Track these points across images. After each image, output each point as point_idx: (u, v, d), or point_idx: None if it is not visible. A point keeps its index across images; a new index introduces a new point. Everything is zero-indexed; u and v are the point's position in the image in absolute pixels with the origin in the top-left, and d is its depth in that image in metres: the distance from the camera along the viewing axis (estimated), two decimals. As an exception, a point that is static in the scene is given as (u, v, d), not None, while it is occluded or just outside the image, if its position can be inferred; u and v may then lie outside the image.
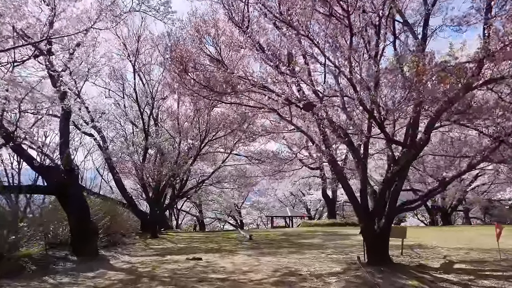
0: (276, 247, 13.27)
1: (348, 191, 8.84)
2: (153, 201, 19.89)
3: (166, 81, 14.82)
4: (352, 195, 8.81)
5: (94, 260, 10.52)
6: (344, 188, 9.02)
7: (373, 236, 8.57)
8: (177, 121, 18.23)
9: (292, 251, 12.00)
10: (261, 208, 46.02)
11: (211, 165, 23.01)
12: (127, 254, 12.27)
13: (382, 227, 8.39)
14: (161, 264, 10.13)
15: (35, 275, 8.55)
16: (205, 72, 8.21)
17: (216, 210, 40.37)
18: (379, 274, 7.91)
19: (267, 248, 13.03)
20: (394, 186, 8.35)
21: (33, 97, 11.41)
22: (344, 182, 8.90)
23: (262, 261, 10.15)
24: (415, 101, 6.03)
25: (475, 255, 10.35)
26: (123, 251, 13.09)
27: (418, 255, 10.32)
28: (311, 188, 41.29)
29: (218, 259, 10.80)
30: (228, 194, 35.45)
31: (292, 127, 10.34)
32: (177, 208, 37.51)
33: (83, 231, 10.94)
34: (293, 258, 10.54)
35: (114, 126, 21.00)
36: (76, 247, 10.75)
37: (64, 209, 11.21)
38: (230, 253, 12.08)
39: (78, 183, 12.23)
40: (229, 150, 19.45)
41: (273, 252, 11.85)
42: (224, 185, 25.34)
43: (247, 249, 12.91)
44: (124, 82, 19.77)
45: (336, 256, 10.61)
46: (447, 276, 7.78)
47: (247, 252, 12.17)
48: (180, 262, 10.30)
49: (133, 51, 17.41)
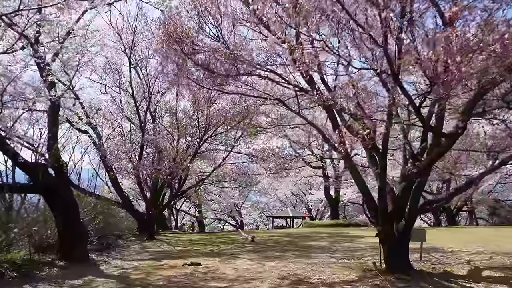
0: (281, 250, 12.37)
1: (363, 189, 7.95)
2: (150, 201, 19.02)
3: (160, 67, 13.73)
4: (368, 194, 7.92)
5: (83, 265, 9.62)
6: (359, 186, 8.13)
7: (392, 239, 7.68)
8: (175, 117, 17.33)
9: (299, 255, 11.10)
10: (261, 208, 45.25)
11: (211, 164, 22.09)
12: (120, 258, 11.37)
13: (403, 229, 7.50)
14: (156, 269, 9.25)
15: (14, 283, 7.67)
16: (204, 51, 7.29)
17: (216, 210, 39.63)
18: (400, 283, 7.03)
19: (271, 252, 12.14)
20: (416, 183, 7.47)
21: (17, 87, 10.59)
22: (359, 179, 8.01)
23: (267, 267, 9.26)
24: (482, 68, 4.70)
25: (500, 260, 9.45)
26: (117, 254, 12.21)
27: (438, 260, 9.43)
28: (313, 188, 40.47)
29: (219, 264, 9.91)
30: (228, 194, 34.67)
31: (299, 120, 9.44)
32: (176, 208, 36.64)
33: (71, 234, 10.04)
34: (301, 263, 9.65)
35: (111, 124, 20.08)
36: (63, 251, 9.85)
37: (51, 209, 10.32)
38: (231, 257, 11.19)
39: (66, 181, 11.32)
40: (230, 147, 18.54)
41: (278, 256, 10.95)
42: (225, 184, 24.43)
43: (250, 253, 12.01)
44: (121, 76, 18.85)
45: (348, 261, 9.72)
46: (477, 286, 6.90)
47: (250, 256, 11.28)
48: (177, 267, 9.40)
49: (129, 43, 16.50)
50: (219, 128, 16.26)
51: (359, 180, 8.01)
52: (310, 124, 9.70)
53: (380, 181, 7.31)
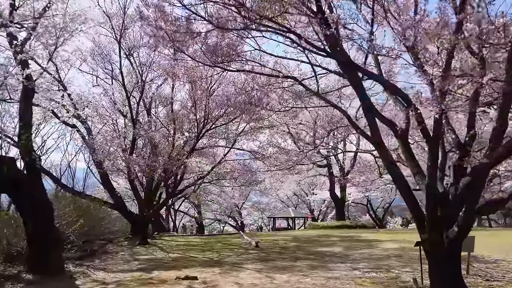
0: (290, 259, 10.70)
1: (404, 188, 6.28)
2: (144, 201, 17.34)
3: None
4: (410, 194, 6.25)
5: (56, 279, 7.93)
6: (398, 183, 6.48)
7: (441, 250, 6.01)
8: (171, 108, 15.66)
9: (313, 265, 9.44)
10: (262, 208, 43.79)
11: (211, 162, 20.36)
12: (104, 268, 9.67)
13: (456, 238, 5.83)
14: (143, 286, 7.58)
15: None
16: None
17: (216, 210, 38.10)
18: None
19: (280, 260, 10.46)
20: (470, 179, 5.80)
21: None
22: (397, 174, 6.35)
23: (277, 282, 7.60)
24: None
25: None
26: (101, 263, 10.51)
27: (488, 273, 7.78)
28: (316, 187, 38.95)
29: (219, 277, 8.25)
30: (228, 194, 33.13)
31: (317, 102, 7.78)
32: (175, 208, 35.02)
33: (42, 240, 8.36)
34: (318, 276, 7.99)
35: (104, 119, 18.39)
36: (32, 262, 8.18)
37: (19, 211, 8.67)
38: (233, 267, 9.52)
39: (39, 178, 9.63)
40: (231, 143, 16.83)
41: (290, 267, 9.28)
42: (225, 183, 22.70)
43: (255, 261, 10.34)
44: (113, 66, 17.15)
45: (375, 275, 8.06)
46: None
47: (256, 266, 9.61)
48: (168, 283, 7.72)
49: (119, 27, 14.81)
50: (220, 120, 14.55)
51: (398, 175, 6.34)
52: (334, 106, 8.01)
53: (429, 176, 5.66)
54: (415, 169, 6.73)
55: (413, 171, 6.74)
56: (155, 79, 16.07)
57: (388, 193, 34.41)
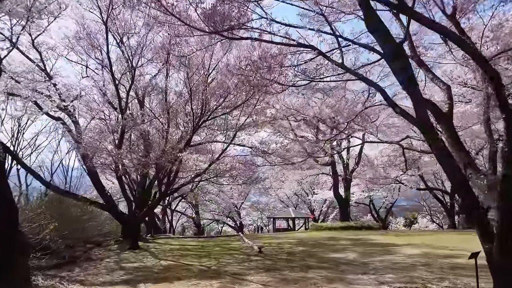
0: (301, 268, 9.19)
1: (464, 183, 4.79)
2: (134, 200, 15.85)
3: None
4: (470, 191, 4.76)
5: (16, 296, 6.44)
6: (452, 177, 4.99)
7: (508, 264, 4.55)
8: (165, 97, 14.11)
9: (330, 277, 7.94)
10: (261, 208, 42.55)
11: (208, 160, 18.81)
12: (81, 280, 8.16)
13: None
14: (123, 306, 6.09)
15: None
16: None
17: (214, 211, 36.73)
18: None
19: (288, 270, 8.95)
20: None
21: None
22: (452, 165, 4.88)
23: (291, 301, 6.12)
24: None
25: None
26: (80, 273, 9.02)
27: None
28: (317, 187, 37.69)
29: (218, 293, 6.76)
30: (226, 194, 31.74)
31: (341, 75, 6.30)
32: (171, 209, 33.52)
33: (5, 246, 6.85)
34: (340, 293, 6.51)
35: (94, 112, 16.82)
36: (-11, 274, 6.67)
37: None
38: (235, 279, 8.03)
39: (2, 174, 8.06)
40: (230, 136, 15.31)
41: (302, 279, 7.79)
42: (224, 182, 21.16)
43: (260, 271, 8.83)
44: (102, 52, 15.57)
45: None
46: None
47: (261, 277, 8.11)
48: (155, 302, 6.24)
49: (106, 4, 13.25)
50: (218, 109, 13.03)
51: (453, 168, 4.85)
52: (365, 81, 6.45)
53: (508, 163, 4.19)
54: (465, 158, 5.30)
55: (464, 161, 5.31)
56: (146, 64, 14.51)
57: (391, 192, 33.15)
